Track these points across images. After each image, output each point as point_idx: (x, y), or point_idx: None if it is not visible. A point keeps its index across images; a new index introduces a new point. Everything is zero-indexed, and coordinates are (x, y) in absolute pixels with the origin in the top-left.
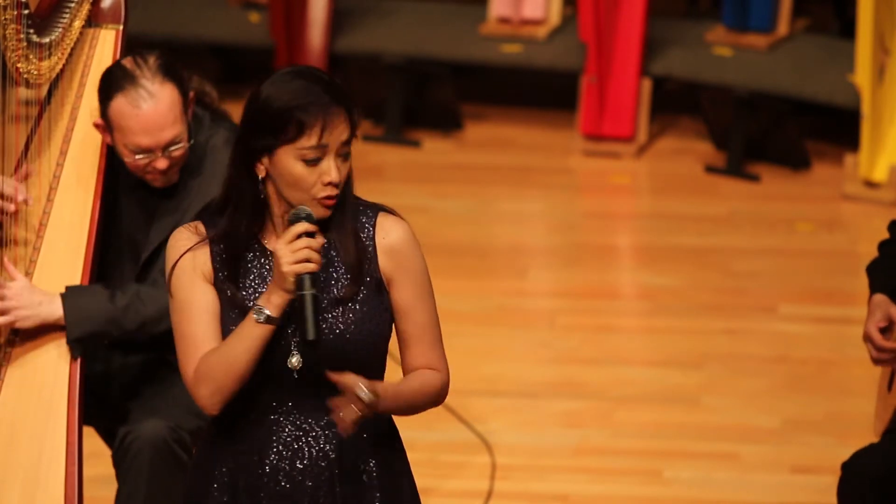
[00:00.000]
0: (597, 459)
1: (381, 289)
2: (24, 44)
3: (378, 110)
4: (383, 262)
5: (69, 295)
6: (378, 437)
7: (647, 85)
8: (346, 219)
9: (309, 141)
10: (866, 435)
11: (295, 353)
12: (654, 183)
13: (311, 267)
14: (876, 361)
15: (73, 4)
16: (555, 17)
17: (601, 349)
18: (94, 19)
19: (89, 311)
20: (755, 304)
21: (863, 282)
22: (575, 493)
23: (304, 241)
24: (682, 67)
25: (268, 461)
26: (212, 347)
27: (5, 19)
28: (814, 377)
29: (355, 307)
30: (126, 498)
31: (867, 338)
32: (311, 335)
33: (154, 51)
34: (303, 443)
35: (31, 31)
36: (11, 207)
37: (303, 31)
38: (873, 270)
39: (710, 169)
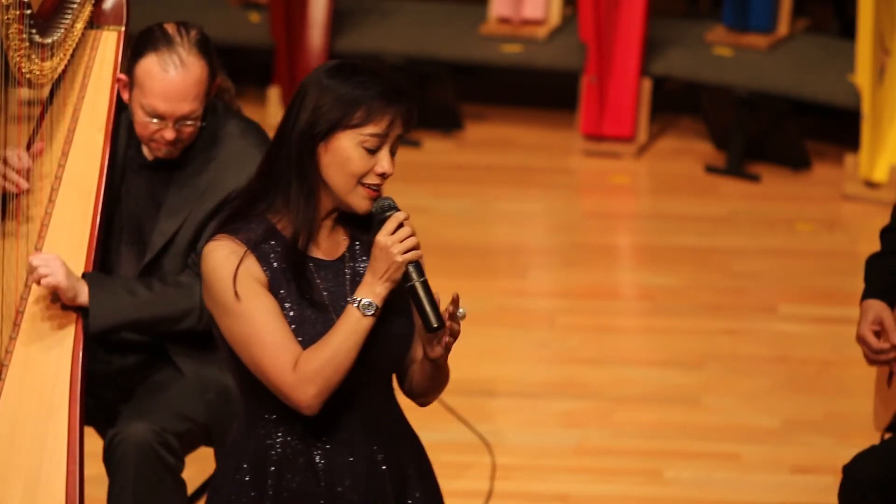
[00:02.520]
0: (597, 459)
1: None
2: (27, 44)
3: None
4: None
5: (94, 285)
6: (411, 439)
7: (647, 85)
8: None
9: (375, 129)
10: (866, 435)
11: None
12: (654, 183)
13: (420, 254)
14: (871, 362)
15: (75, 5)
16: (555, 17)
17: (601, 349)
18: (96, 21)
19: (113, 307)
20: (755, 304)
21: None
22: (575, 493)
23: (407, 229)
24: (682, 67)
25: (318, 456)
26: (298, 349)
27: (8, 19)
28: (814, 377)
29: (391, 307)
30: (114, 500)
31: (861, 340)
32: (435, 323)
33: (197, 25)
34: (352, 441)
35: (34, 31)
36: (24, 185)
37: (303, 31)
38: (870, 272)
39: (710, 169)
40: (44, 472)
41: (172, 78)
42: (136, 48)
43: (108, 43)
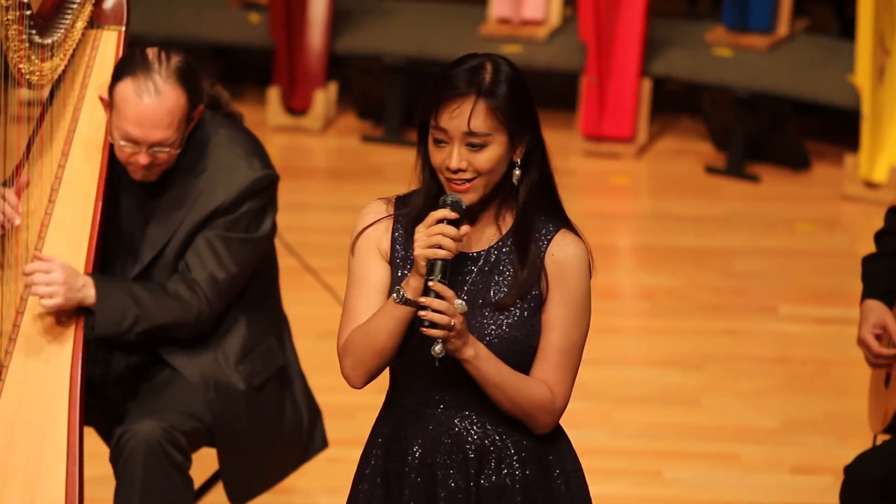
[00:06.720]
0: (597, 459)
1: (539, 302)
2: (27, 45)
3: (378, 110)
4: (547, 277)
5: (100, 291)
6: (534, 440)
7: (647, 85)
8: (524, 229)
9: (434, 121)
10: (866, 435)
11: (439, 341)
12: (654, 183)
13: (442, 254)
14: (872, 365)
15: (75, 5)
16: (555, 17)
17: (601, 349)
18: (97, 20)
19: (118, 316)
20: (755, 304)
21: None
22: None
23: (440, 227)
24: (682, 67)
25: (410, 452)
26: None
27: (7, 20)
28: (814, 377)
29: (512, 313)
30: (121, 497)
31: (862, 344)
32: (424, 325)
33: (181, 52)
34: (445, 438)
35: (34, 31)
36: (17, 220)
37: (303, 31)
38: (867, 272)
39: (710, 169)
40: (43, 473)
41: (146, 105)
42: (116, 71)
43: (109, 43)
